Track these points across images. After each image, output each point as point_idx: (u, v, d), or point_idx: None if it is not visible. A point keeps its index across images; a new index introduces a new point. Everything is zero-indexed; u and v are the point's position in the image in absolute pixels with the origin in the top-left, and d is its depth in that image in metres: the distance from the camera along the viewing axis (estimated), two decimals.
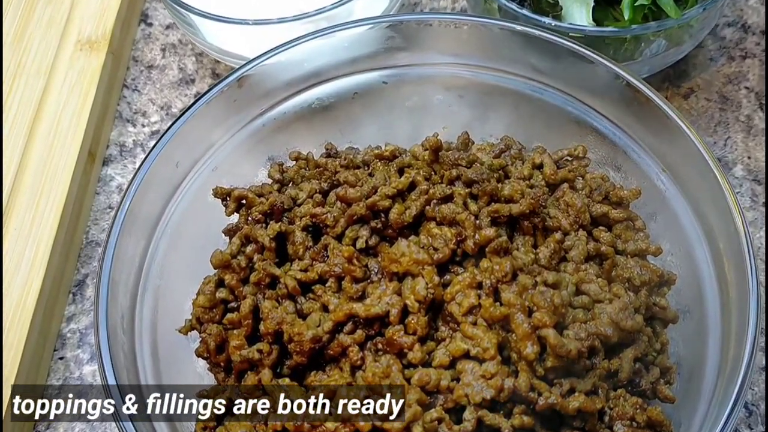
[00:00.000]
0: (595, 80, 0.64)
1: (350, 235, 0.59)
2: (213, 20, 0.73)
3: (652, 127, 0.62)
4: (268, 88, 0.67)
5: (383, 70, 0.69)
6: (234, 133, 0.67)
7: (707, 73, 0.83)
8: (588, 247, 0.60)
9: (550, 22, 0.69)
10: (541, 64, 0.66)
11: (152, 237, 0.61)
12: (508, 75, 0.68)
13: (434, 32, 0.67)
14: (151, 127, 0.84)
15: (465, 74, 0.69)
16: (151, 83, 0.87)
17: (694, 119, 0.80)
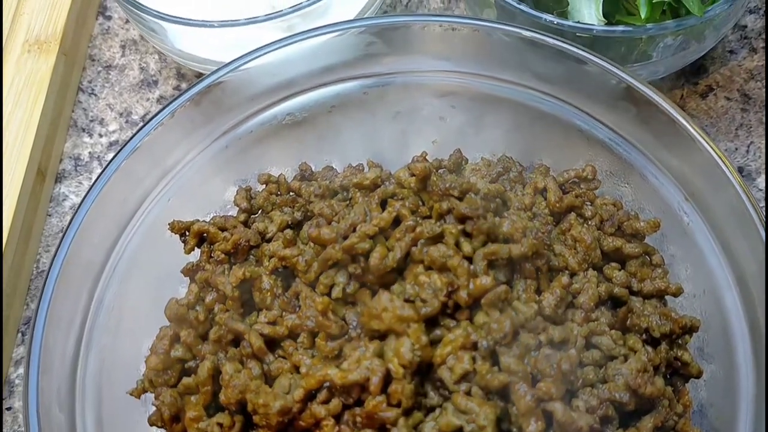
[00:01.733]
0: (603, 89, 0.56)
1: (325, 282, 0.51)
2: (173, 23, 0.64)
3: (671, 145, 0.54)
4: (234, 102, 0.59)
5: (363, 78, 0.60)
6: (196, 155, 0.59)
7: (727, 68, 0.74)
8: (599, 290, 0.52)
9: (552, 19, 0.60)
10: (543, 71, 0.57)
11: (97, 284, 0.53)
12: (505, 83, 0.59)
13: (421, 35, 0.58)
14: (109, 137, 0.76)
15: (456, 81, 0.60)
16: (109, 86, 0.78)
17: (713, 121, 0.71)
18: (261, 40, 0.66)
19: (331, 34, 0.56)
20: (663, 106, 0.53)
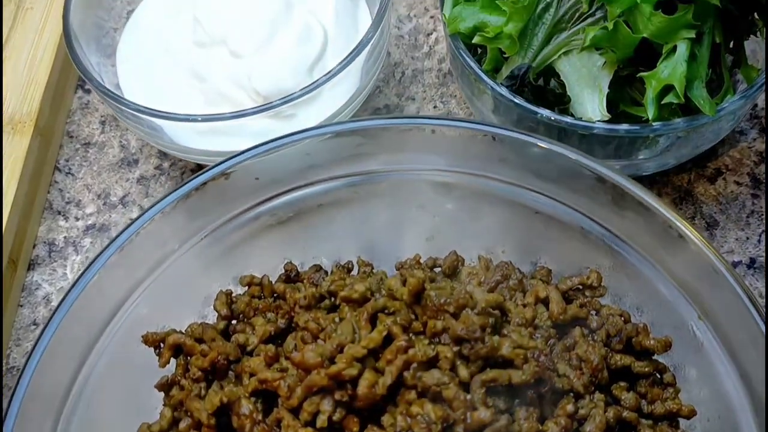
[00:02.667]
0: (600, 190, 0.52)
1: (309, 410, 0.47)
2: (154, 117, 0.61)
3: (672, 249, 0.51)
4: (217, 201, 0.55)
5: (353, 177, 0.57)
6: (176, 258, 0.55)
7: (736, 150, 0.71)
8: (607, 415, 0.48)
9: (550, 115, 0.57)
10: (539, 169, 0.54)
11: (63, 409, 0.49)
12: (501, 182, 0.55)
13: (413, 135, 0.54)
14: (86, 221, 0.72)
15: (450, 178, 0.57)
16: (87, 164, 0.75)
17: (722, 208, 0.68)
18: (247, 126, 0.63)
19: (319, 138, 0.53)
20: (660, 212, 0.50)
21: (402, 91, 0.77)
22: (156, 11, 0.72)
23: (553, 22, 0.60)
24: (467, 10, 0.60)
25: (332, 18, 0.69)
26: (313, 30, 0.67)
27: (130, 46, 0.73)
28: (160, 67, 0.69)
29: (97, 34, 0.74)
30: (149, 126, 0.63)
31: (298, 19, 0.67)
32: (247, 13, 0.67)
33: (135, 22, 0.74)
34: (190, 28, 0.68)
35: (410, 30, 0.81)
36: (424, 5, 0.83)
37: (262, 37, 0.66)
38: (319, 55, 0.67)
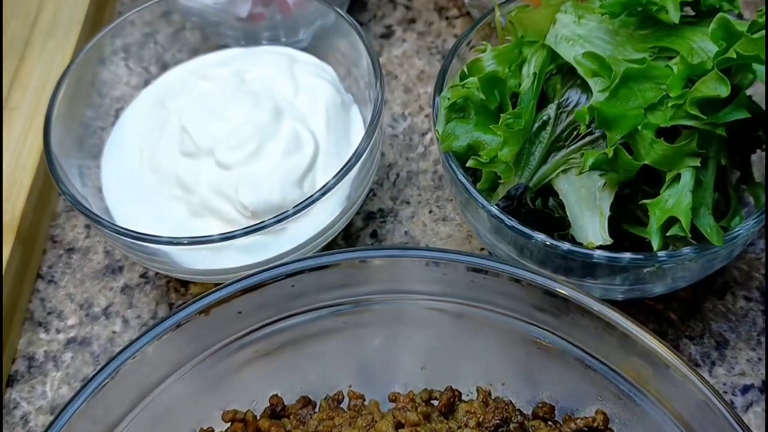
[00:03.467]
0: (609, 335, 0.49)
1: None
2: (136, 240, 0.58)
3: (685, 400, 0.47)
4: (200, 334, 0.52)
5: (342, 305, 0.54)
6: (155, 396, 0.52)
7: (744, 261, 0.68)
8: None
9: (545, 240, 0.54)
10: (537, 303, 0.51)
11: None
12: (502, 315, 0.53)
13: (406, 266, 0.52)
14: (67, 333, 0.69)
15: (447, 307, 0.54)
16: (70, 272, 0.72)
17: (732, 326, 0.65)
18: (234, 241, 0.60)
19: (308, 272, 0.50)
20: (665, 358, 0.47)
21: (396, 194, 0.75)
22: (144, 117, 0.71)
23: (550, 140, 0.58)
24: (461, 127, 0.58)
25: (323, 126, 0.67)
26: (303, 139, 0.65)
27: (115, 151, 0.71)
28: (145, 174, 0.67)
29: (83, 133, 0.72)
30: (129, 245, 0.60)
31: (287, 128, 0.65)
32: (235, 123, 0.65)
33: (122, 125, 0.72)
34: (177, 136, 0.66)
35: (405, 129, 0.79)
36: (418, 103, 0.81)
37: (250, 148, 0.64)
38: (310, 165, 0.65)
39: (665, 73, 0.52)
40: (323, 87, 0.69)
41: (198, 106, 0.66)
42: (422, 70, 0.83)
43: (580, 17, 0.59)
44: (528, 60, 0.60)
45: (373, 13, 0.89)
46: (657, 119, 0.52)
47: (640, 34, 0.56)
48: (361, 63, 0.69)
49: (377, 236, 0.72)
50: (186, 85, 0.70)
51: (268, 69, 0.70)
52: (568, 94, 0.58)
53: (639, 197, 0.56)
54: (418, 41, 0.86)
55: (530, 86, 0.58)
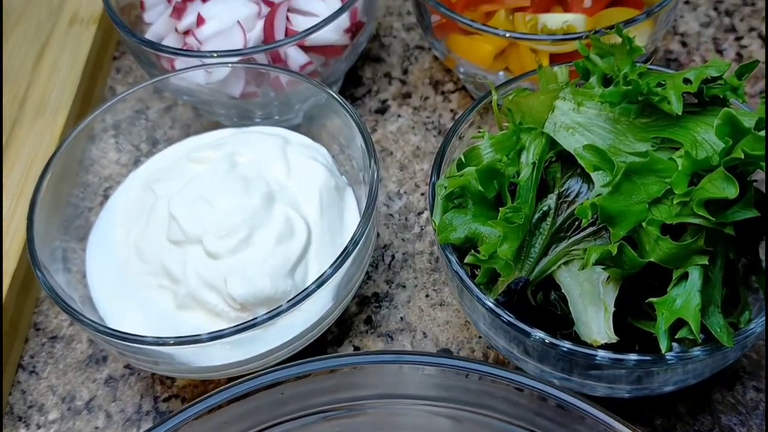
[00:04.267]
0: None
1: None
2: (119, 339, 0.56)
3: None
4: None
5: (333, 411, 0.51)
6: None
7: (753, 350, 0.65)
8: None
9: (544, 338, 0.52)
10: (545, 413, 0.48)
11: None
12: (500, 420, 0.50)
13: (400, 371, 0.49)
14: (48, 429, 0.66)
15: (443, 412, 0.51)
16: (53, 362, 0.69)
17: (743, 419, 0.62)
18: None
19: (296, 380, 0.47)
20: None
21: (392, 277, 0.72)
22: (131, 201, 0.69)
23: (551, 231, 0.56)
24: (459, 218, 0.56)
25: (317, 211, 0.65)
26: (295, 226, 0.63)
27: (101, 235, 0.68)
28: (131, 261, 0.65)
29: (70, 214, 0.71)
30: (112, 343, 0.58)
31: (279, 214, 0.63)
32: (225, 209, 0.63)
33: (109, 209, 0.70)
34: (165, 223, 0.64)
35: (400, 208, 0.77)
36: (414, 181, 0.79)
37: (240, 236, 0.61)
38: (302, 253, 0.63)
39: (669, 167, 0.50)
40: (317, 170, 0.67)
41: (187, 191, 0.64)
42: (418, 146, 0.82)
43: (579, 104, 0.57)
44: (527, 147, 0.58)
45: (368, 88, 0.87)
46: (662, 215, 0.50)
47: (642, 123, 0.55)
48: (355, 142, 0.68)
49: (372, 322, 0.70)
50: (175, 169, 0.68)
51: (260, 151, 0.68)
52: (568, 183, 0.56)
53: (644, 290, 0.54)
54: (413, 116, 0.84)
55: (529, 176, 0.56)
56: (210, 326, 0.60)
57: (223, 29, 0.74)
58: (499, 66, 0.76)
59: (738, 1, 0.91)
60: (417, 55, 0.90)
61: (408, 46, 0.91)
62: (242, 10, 0.75)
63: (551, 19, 0.74)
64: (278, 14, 0.75)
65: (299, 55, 0.74)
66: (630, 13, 0.74)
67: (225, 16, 0.75)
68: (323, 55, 0.77)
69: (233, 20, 0.74)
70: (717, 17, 0.90)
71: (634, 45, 0.55)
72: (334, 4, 0.78)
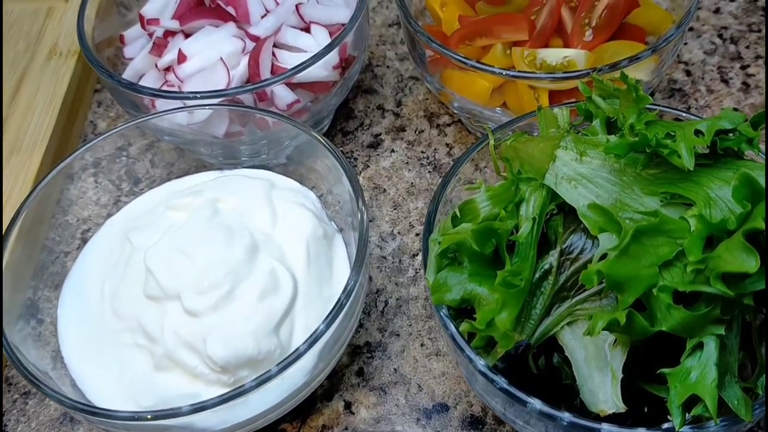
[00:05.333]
0: None
1: None
2: (90, 414, 0.52)
3: None
4: None
5: None
6: None
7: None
8: None
9: (541, 408, 0.48)
10: None
11: None
12: None
13: None
14: None
15: None
16: (25, 420, 0.65)
17: None
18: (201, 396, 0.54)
19: None
20: None
21: (385, 325, 0.69)
22: (107, 251, 0.65)
23: (552, 291, 0.52)
24: (454, 276, 0.52)
25: (303, 262, 0.61)
26: (280, 279, 0.59)
27: (75, 287, 0.65)
28: (106, 317, 0.61)
29: (45, 260, 0.67)
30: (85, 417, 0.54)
31: (263, 267, 0.59)
32: (205, 262, 0.59)
33: (84, 258, 0.67)
34: (141, 277, 0.60)
35: (394, 250, 0.73)
36: (408, 220, 0.75)
37: (221, 292, 0.58)
38: (288, 309, 0.59)
39: (681, 227, 0.47)
40: (304, 218, 0.63)
41: (165, 242, 0.60)
42: (412, 183, 0.78)
43: (581, 154, 0.53)
44: (526, 200, 0.54)
45: (360, 121, 0.84)
46: (674, 280, 0.46)
47: (650, 174, 0.51)
48: (343, 184, 0.64)
49: (364, 374, 0.66)
50: (153, 217, 0.65)
51: (244, 197, 0.65)
52: (571, 239, 0.53)
53: (655, 353, 0.51)
54: (407, 151, 0.81)
55: (529, 232, 0.52)
56: (189, 389, 0.57)
57: (206, 67, 0.71)
58: (497, 102, 0.73)
59: (743, 28, 0.88)
60: (411, 86, 0.87)
61: (402, 76, 0.88)
62: (226, 46, 0.72)
63: (550, 54, 0.70)
64: (263, 50, 0.71)
65: (286, 93, 0.70)
66: (633, 46, 0.71)
67: (208, 52, 0.71)
68: (312, 92, 0.73)
69: (216, 57, 0.71)
70: (722, 44, 0.87)
71: (640, 93, 0.51)
72: (322, 38, 0.74)
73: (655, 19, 0.75)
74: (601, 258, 0.48)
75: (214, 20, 0.74)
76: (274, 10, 0.74)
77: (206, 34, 0.73)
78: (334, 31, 0.75)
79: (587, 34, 0.72)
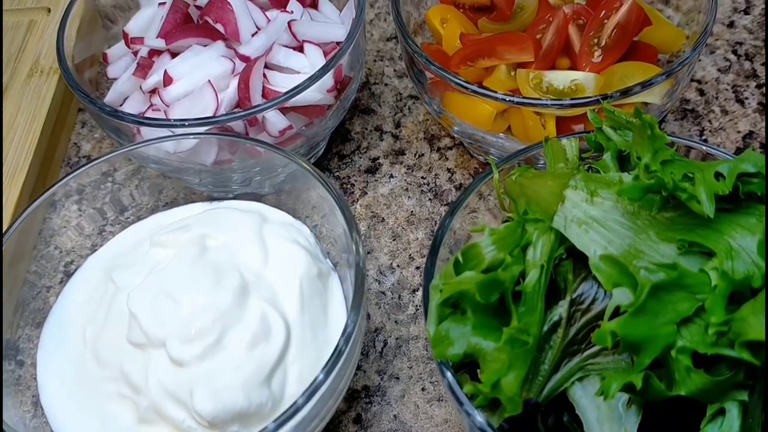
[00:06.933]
0: None
1: None
2: None
3: None
4: None
5: None
6: None
7: None
8: None
9: None
10: None
11: None
12: None
13: None
14: None
15: None
16: None
17: None
18: None
19: None
20: None
21: (384, 367, 0.65)
22: (89, 292, 0.61)
23: (562, 344, 0.48)
24: (456, 328, 0.49)
25: (296, 304, 0.58)
26: (272, 325, 0.56)
27: (56, 328, 0.62)
28: (88, 364, 0.58)
29: (26, 295, 0.64)
30: None
31: (253, 311, 0.56)
32: (192, 307, 0.55)
33: (67, 297, 0.63)
34: (125, 321, 0.56)
35: (393, 285, 0.70)
36: (408, 252, 0.72)
37: (208, 340, 0.54)
38: (280, 357, 0.55)
39: (701, 281, 0.43)
40: (297, 256, 0.60)
41: (149, 284, 0.57)
42: (412, 211, 0.75)
43: (592, 194, 0.50)
44: (533, 243, 0.50)
45: (357, 144, 0.80)
46: (694, 340, 0.42)
47: (666, 218, 0.48)
48: (337, 215, 0.60)
49: (361, 422, 0.62)
50: (138, 254, 0.61)
51: (233, 233, 0.61)
52: (582, 287, 0.49)
53: (672, 413, 0.47)
54: (407, 177, 0.77)
55: (537, 280, 0.48)
56: None
57: (193, 90, 0.67)
58: (500, 127, 0.69)
59: (759, 43, 0.84)
60: (410, 105, 0.83)
61: (400, 95, 0.84)
62: (214, 68, 0.68)
63: (557, 77, 0.66)
64: (254, 72, 0.67)
65: (278, 118, 0.66)
66: (644, 68, 0.67)
67: (195, 74, 0.68)
68: (306, 116, 0.69)
69: (204, 80, 0.67)
70: (737, 61, 0.83)
71: (656, 132, 0.48)
72: (316, 58, 0.70)
73: (667, 37, 0.71)
74: (615, 311, 0.45)
75: (202, 39, 0.70)
76: (265, 28, 0.71)
77: (194, 54, 0.70)
78: (328, 51, 0.72)
79: (596, 54, 0.68)
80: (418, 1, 0.77)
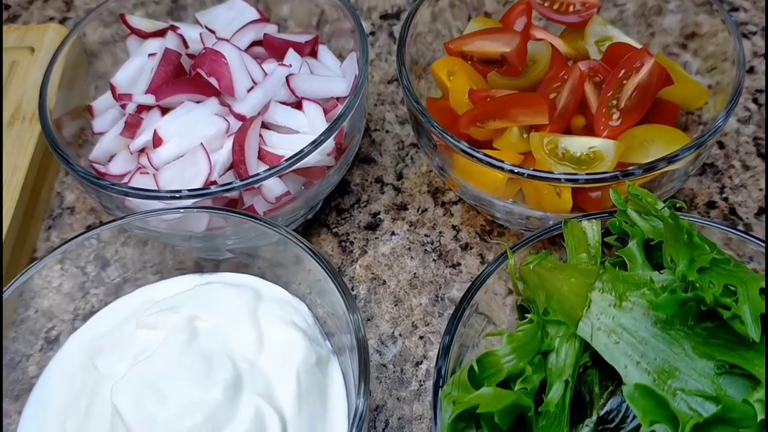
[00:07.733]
0: None
1: None
2: None
3: None
4: None
5: None
6: None
7: None
8: None
9: None
10: None
11: None
12: None
13: None
14: None
15: None
16: None
17: None
18: None
19: None
20: None
21: None
22: (70, 378, 0.57)
23: None
24: None
25: (293, 398, 0.53)
26: (267, 424, 0.52)
27: (35, 419, 0.57)
28: None
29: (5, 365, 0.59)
30: None
31: (247, 408, 0.52)
32: (181, 404, 0.51)
33: (47, 378, 0.59)
34: (108, 418, 0.52)
35: (395, 356, 0.65)
36: (411, 320, 0.67)
37: None
38: None
39: (745, 414, 0.39)
40: (294, 342, 0.55)
41: (135, 374, 0.52)
42: (415, 273, 0.70)
43: (621, 297, 0.46)
44: (556, 350, 0.47)
45: (357, 197, 0.76)
46: None
47: (701, 330, 0.44)
48: (335, 294, 0.56)
49: None
50: (123, 336, 0.57)
51: (226, 314, 0.56)
52: (610, 403, 0.45)
53: None
54: (409, 234, 0.73)
55: (561, 398, 0.44)
56: None
57: (184, 153, 0.62)
58: (511, 192, 0.64)
59: None
60: (413, 154, 0.78)
61: (402, 143, 0.79)
62: (207, 128, 0.63)
63: (574, 143, 0.62)
64: (250, 133, 0.62)
65: (276, 184, 0.62)
66: (666, 132, 0.63)
67: (187, 136, 0.63)
68: (305, 177, 0.65)
69: (196, 141, 0.62)
70: (757, 111, 0.79)
71: (695, 239, 0.44)
72: (316, 116, 0.66)
73: (690, 96, 0.67)
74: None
75: (194, 95, 0.65)
76: (262, 83, 0.66)
77: (186, 111, 0.65)
78: (328, 108, 0.67)
79: (614, 117, 0.63)
80: (424, 49, 0.73)
